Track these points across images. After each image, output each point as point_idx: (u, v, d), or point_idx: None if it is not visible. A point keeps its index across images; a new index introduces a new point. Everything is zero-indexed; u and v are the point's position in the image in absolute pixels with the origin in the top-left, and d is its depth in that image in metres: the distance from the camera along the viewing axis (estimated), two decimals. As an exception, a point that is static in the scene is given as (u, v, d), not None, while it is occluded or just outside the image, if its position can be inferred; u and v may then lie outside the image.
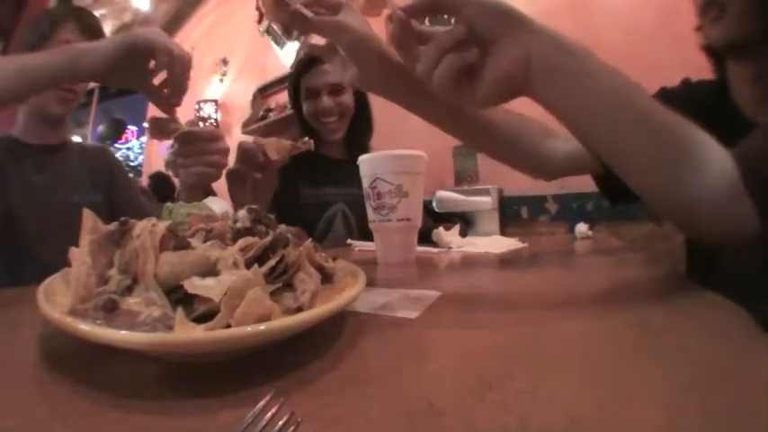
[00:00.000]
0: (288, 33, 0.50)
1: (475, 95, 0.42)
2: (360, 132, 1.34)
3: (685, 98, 0.81)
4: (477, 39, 0.40)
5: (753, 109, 0.75)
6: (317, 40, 0.51)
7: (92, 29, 0.95)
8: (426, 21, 0.46)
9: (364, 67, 0.51)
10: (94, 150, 1.10)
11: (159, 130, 0.67)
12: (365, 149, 1.30)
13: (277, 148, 0.68)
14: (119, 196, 1.05)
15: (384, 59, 0.50)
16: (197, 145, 0.69)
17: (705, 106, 0.74)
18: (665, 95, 0.85)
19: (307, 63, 1.28)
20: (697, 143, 0.41)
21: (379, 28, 0.49)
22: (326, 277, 0.35)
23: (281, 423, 0.18)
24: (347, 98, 1.27)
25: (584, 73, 0.40)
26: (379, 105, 1.52)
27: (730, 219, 0.40)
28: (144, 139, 4.91)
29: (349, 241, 1.05)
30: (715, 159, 0.40)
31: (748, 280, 0.52)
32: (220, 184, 0.76)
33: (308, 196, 1.24)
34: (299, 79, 1.30)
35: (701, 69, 0.85)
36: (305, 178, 1.24)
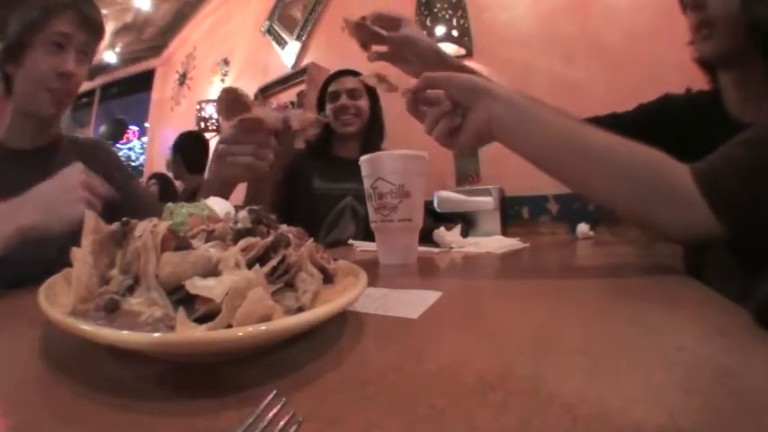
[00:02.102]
0: (365, 48, 0.64)
1: (459, 144, 0.58)
2: (373, 135, 1.51)
3: (685, 104, 0.94)
4: (459, 105, 0.57)
5: (739, 111, 0.85)
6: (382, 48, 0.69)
7: (92, 22, 0.84)
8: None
9: (423, 63, 0.69)
10: (88, 144, 0.98)
11: (227, 105, 0.63)
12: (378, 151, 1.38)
13: (301, 119, 0.70)
14: (117, 191, 0.98)
15: (435, 55, 0.69)
16: (257, 135, 0.66)
17: (702, 112, 0.88)
18: (667, 100, 0.97)
19: (333, 76, 1.53)
20: (647, 164, 0.50)
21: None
22: (328, 277, 0.35)
23: (282, 423, 0.18)
24: (362, 102, 1.48)
25: (530, 121, 0.54)
26: (383, 107, 1.55)
27: (687, 224, 0.49)
28: (145, 139, 4.90)
29: (350, 241, 1.06)
30: (669, 174, 0.49)
31: (736, 275, 0.60)
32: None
33: (320, 188, 1.37)
34: (326, 87, 1.53)
35: (699, 71, 0.89)
36: (318, 172, 1.38)
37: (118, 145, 5.13)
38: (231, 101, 0.63)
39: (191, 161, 2.51)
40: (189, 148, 2.58)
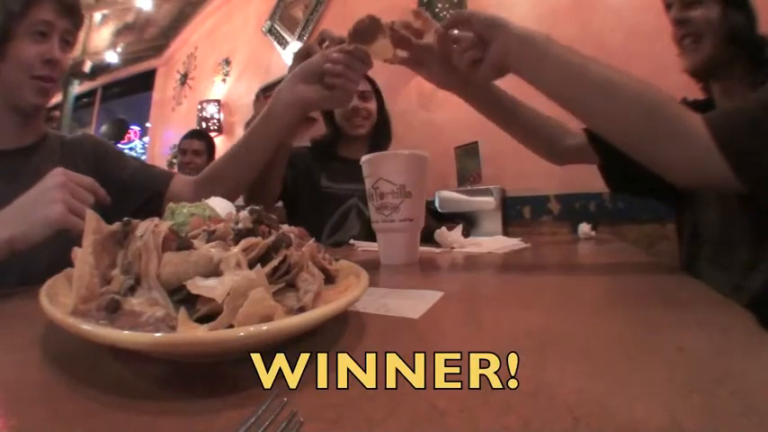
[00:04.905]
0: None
1: (480, 74, 0.64)
2: (382, 136, 1.52)
3: None
4: (482, 39, 0.62)
5: None
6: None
7: (72, 8, 0.81)
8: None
9: (440, 67, 0.72)
10: (75, 141, 0.93)
11: (362, 28, 0.66)
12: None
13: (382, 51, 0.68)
14: (109, 179, 0.83)
15: (444, 65, 0.70)
16: (355, 63, 0.68)
17: None
18: None
19: None
20: (660, 101, 0.52)
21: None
22: (329, 278, 0.35)
23: (283, 424, 0.18)
24: (371, 104, 1.50)
25: (545, 56, 0.57)
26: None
27: (694, 166, 0.51)
28: (147, 139, 4.91)
29: (351, 241, 1.06)
30: (681, 114, 0.51)
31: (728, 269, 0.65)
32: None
33: (326, 188, 1.37)
34: None
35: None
36: (325, 172, 1.37)
37: (119, 145, 5.14)
38: (368, 26, 0.65)
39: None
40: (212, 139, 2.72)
